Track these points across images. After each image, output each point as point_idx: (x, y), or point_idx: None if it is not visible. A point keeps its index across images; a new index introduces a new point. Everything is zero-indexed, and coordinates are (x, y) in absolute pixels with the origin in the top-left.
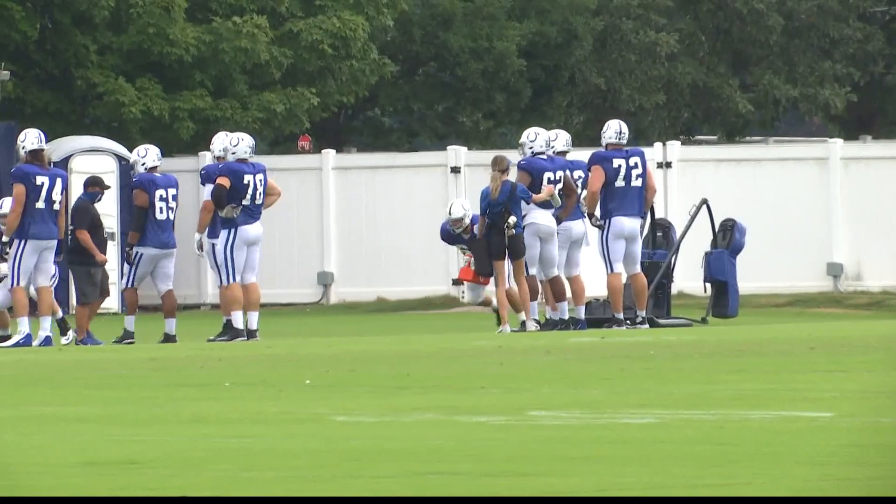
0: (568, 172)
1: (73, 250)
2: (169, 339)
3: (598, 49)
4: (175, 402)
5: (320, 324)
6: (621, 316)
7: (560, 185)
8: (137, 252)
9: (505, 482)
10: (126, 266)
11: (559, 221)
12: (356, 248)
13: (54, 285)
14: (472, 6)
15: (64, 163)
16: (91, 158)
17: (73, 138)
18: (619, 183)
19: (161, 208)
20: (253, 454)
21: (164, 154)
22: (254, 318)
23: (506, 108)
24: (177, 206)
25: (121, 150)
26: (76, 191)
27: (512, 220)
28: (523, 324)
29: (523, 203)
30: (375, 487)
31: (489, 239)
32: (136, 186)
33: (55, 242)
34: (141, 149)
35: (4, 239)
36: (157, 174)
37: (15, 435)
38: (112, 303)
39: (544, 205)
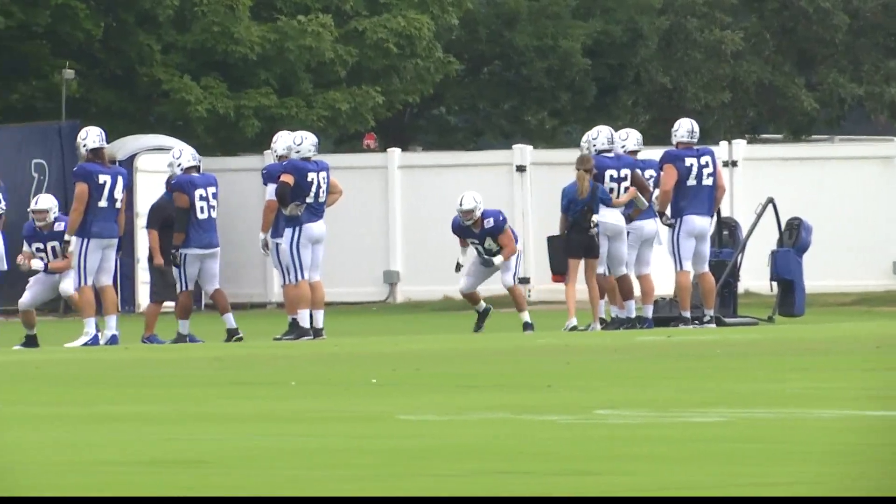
0: (638, 171)
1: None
2: (232, 333)
3: (664, 48)
4: (241, 401)
5: (386, 322)
6: (689, 315)
7: (626, 183)
8: (182, 253)
9: (571, 481)
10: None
11: (629, 220)
12: (422, 247)
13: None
14: (538, 5)
15: (129, 161)
16: (156, 157)
17: (137, 137)
18: (691, 182)
19: (202, 208)
20: (318, 453)
21: (228, 152)
22: (319, 317)
23: (571, 106)
24: (217, 205)
25: (187, 148)
26: (142, 189)
27: (595, 218)
28: (526, 325)
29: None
30: (440, 486)
31: (569, 237)
32: (174, 189)
33: (117, 241)
34: (175, 150)
35: (67, 237)
36: (196, 174)
37: (82, 433)
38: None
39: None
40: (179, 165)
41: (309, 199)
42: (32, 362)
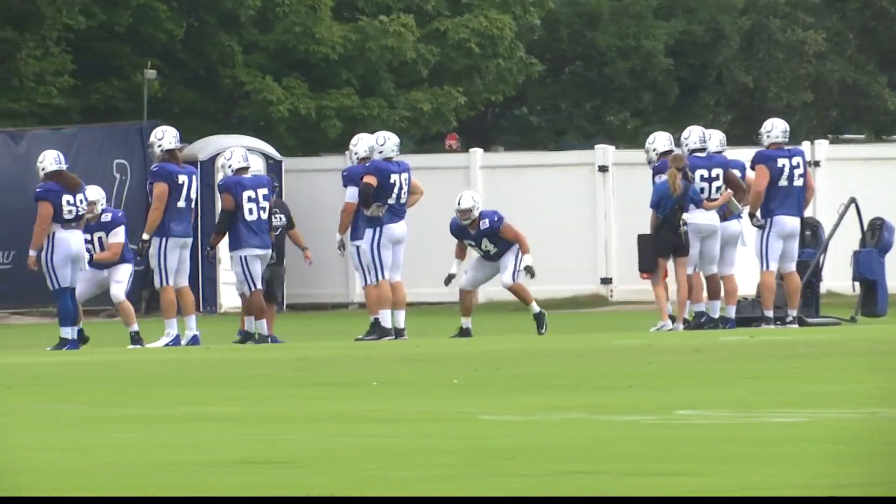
0: (731, 170)
1: None
2: (262, 338)
3: (746, 48)
4: (323, 401)
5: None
6: (771, 314)
7: (718, 183)
8: (242, 256)
9: (651, 482)
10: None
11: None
12: None
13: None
14: (619, 5)
15: (211, 162)
16: None
17: (219, 137)
18: (783, 182)
19: (251, 209)
20: (400, 453)
21: (310, 153)
22: (401, 317)
23: (653, 106)
24: (269, 207)
25: (268, 148)
26: None
27: (685, 217)
28: (538, 315)
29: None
30: (521, 486)
31: (659, 235)
32: (222, 190)
33: (191, 240)
34: (227, 152)
35: (145, 237)
36: (246, 175)
37: (167, 434)
38: None
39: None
40: (230, 167)
41: (391, 201)
42: (113, 363)
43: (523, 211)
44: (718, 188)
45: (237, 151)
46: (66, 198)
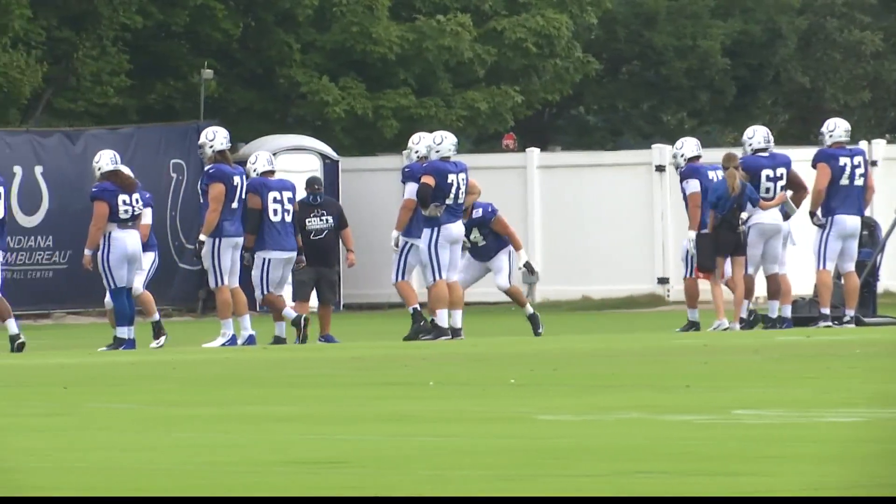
0: (794, 170)
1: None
2: (279, 340)
3: (803, 48)
4: (379, 401)
5: (525, 322)
6: (828, 312)
7: (782, 182)
8: (266, 259)
9: (708, 481)
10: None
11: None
12: (560, 247)
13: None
14: (676, 5)
15: None
16: (295, 157)
17: (276, 137)
18: (844, 181)
19: (275, 210)
20: (457, 453)
21: (367, 152)
22: (458, 317)
23: (710, 106)
24: (293, 210)
25: (325, 148)
26: None
27: (744, 216)
28: (531, 316)
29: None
30: (578, 486)
31: (718, 234)
32: (248, 190)
33: (243, 240)
34: (252, 156)
35: (202, 238)
36: (271, 178)
37: (220, 434)
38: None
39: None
40: (255, 171)
41: (448, 201)
42: (170, 363)
43: (580, 211)
44: (783, 187)
45: (262, 155)
46: (121, 197)
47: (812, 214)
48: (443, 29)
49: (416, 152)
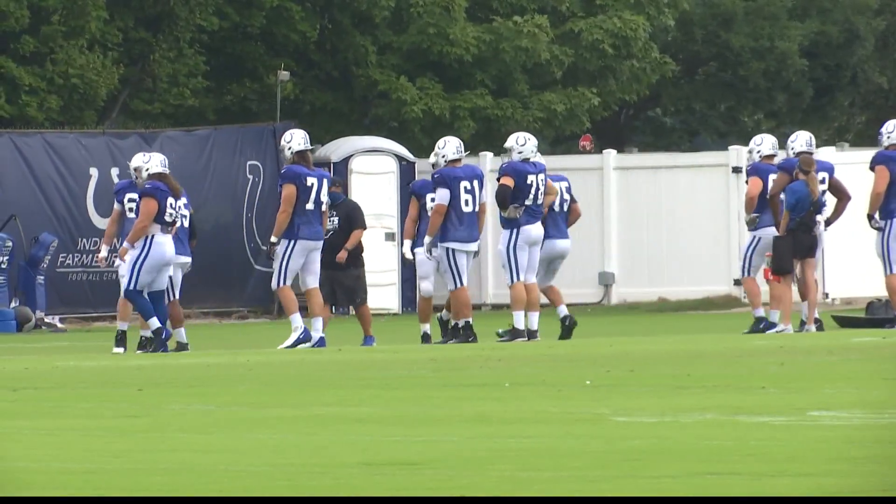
0: (836, 176)
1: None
2: (182, 346)
3: (880, 48)
4: (455, 403)
5: (601, 324)
6: None
7: (824, 187)
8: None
9: (785, 482)
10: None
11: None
12: (637, 248)
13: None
14: (754, 5)
15: (344, 163)
16: (371, 159)
17: (352, 138)
18: None
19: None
20: (533, 454)
21: None
22: (534, 319)
23: (787, 107)
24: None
25: (401, 150)
26: (357, 190)
27: (820, 217)
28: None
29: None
30: (655, 487)
31: (795, 236)
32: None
33: (321, 244)
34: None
35: (273, 239)
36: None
37: (297, 435)
38: (392, 302)
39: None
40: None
41: (528, 202)
42: (245, 364)
43: (657, 212)
44: (823, 192)
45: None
46: (170, 200)
47: (870, 217)
48: (520, 30)
49: (443, 157)
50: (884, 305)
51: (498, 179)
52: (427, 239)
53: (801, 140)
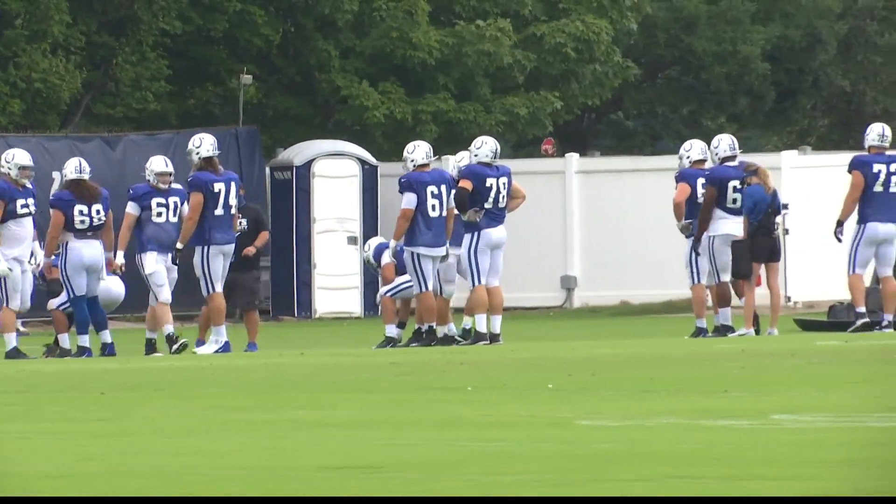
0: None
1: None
2: (64, 352)
3: (843, 51)
4: (419, 406)
5: (563, 327)
6: (863, 309)
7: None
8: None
9: (750, 486)
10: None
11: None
12: (599, 252)
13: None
14: (717, 9)
15: (307, 167)
16: (334, 163)
17: (315, 142)
18: (878, 188)
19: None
20: (498, 458)
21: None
22: (497, 322)
23: (750, 111)
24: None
25: (364, 154)
26: (319, 194)
27: (779, 219)
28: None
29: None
30: (619, 490)
31: (754, 240)
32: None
33: (233, 247)
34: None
35: (179, 245)
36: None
37: (265, 438)
38: (355, 306)
39: (737, 212)
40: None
41: (487, 205)
42: (209, 368)
43: (619, 215)
44: (742, 198)
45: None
46: (78, 208)
47: (839, 223)
48: (482, 34)
49: (412, 161)
50: (846, 308)
51: (456, 183)
52: (392, 243)
53: (723, 144)
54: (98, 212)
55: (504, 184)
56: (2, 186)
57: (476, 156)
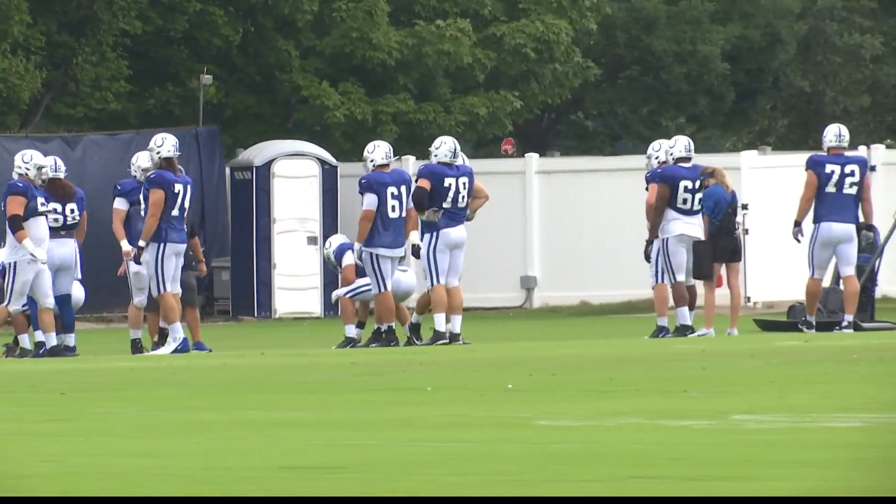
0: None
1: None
2: (25, 352)
3: (802, 52)
4: (378, 407)
5: (523, 328)
6: (813, 319)
7: (700, 196)
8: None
9: (708, 486)
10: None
11: None
12: (559, 252)
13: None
14: (676, 10)
15: (266, 167)
16: (294, 163)
17: (275, 142)
18: (830, 189)
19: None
20: (458, 458)
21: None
22: (457, 322)
23: (709, 111)
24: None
25: (323, 154)
26: (279, 195)
27: (739, 219)
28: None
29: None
30: (578, 491)
31: (716, 240)
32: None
33: (184, 248)
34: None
35: (142, 243)
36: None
37: (222, 439)
38: (314, 306)
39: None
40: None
41: (446, 205)
42: (167, 368)
43: (579, 215)
44: (702, 199)
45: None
46: (52, 206)
47: (796, 224)
48: (442, 34)
49: (372, 161)
50: (804, 309)
51: (415, 182)
52: (356, 245)
53: (679, 145)
54: (72, 211)
55: (464, 184)
56: (24, 185)
57: (436, 156)
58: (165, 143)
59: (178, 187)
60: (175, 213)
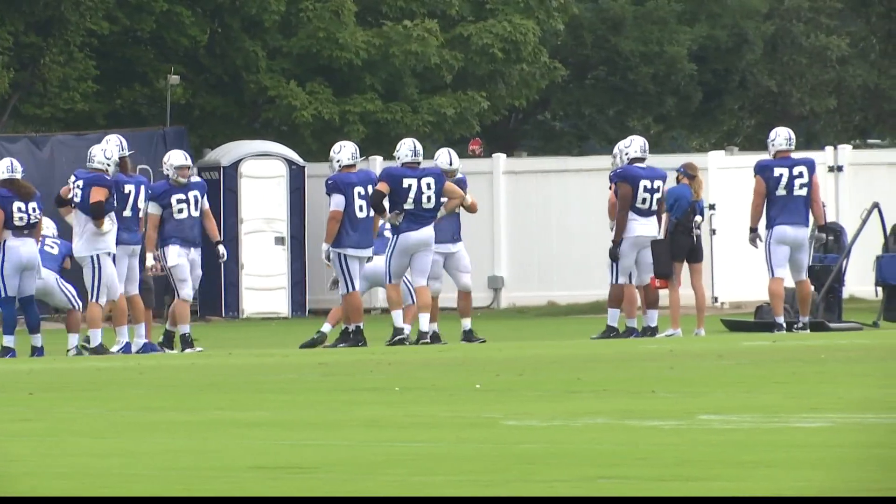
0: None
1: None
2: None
3: (769, 53)
4: (346, 407)
5: (490, 328)
6: (782, 320)
7: (658, 195)
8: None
9: (676, 486)
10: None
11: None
12: (527, 253)
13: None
14: (643, 10)
15: (234, 167)
16: (261, 163)
17: (242, 143)
18: (780, 192)
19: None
20: (425, 458)
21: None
22: (425, 321)
23: (676, 112)
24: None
25: (291, 154)
26: (246, 195)
27: (698, 219)
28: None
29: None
30: (546, 491)
31: (674, 239)
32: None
33: (140, 248)
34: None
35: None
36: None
37: (190, 439)
38: (282, 306)
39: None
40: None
41: (408, 206)
42: (135, 368)
43: (546, 216)
44: (659, 200)
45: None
46: (17, 204)
47: (751, 230)
48: (409, 34)
49: (338, 161)
50: (771, 309)
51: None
52: (324, 246)
53: (635, 146)
54: (34, 209)
55: (428, 184)
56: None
57: (398, 158)
58: (110, 145)
59: (129, 188)
60: (127, 213)
